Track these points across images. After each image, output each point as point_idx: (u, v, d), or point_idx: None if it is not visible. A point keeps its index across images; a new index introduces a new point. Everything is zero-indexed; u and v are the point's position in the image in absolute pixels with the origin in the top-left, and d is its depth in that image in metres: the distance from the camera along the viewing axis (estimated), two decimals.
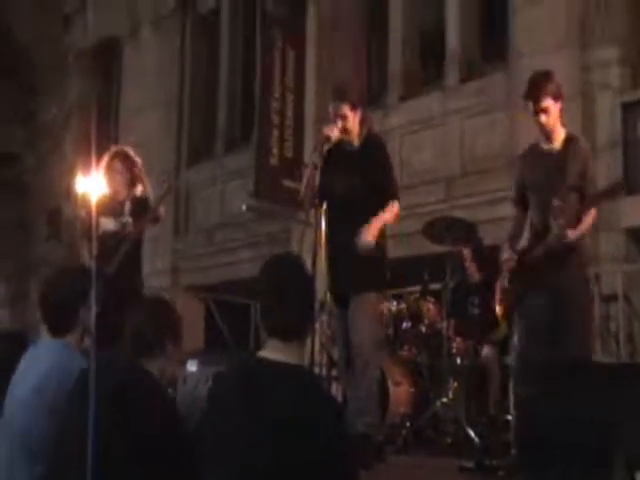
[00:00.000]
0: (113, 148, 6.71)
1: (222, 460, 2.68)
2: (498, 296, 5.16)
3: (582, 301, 5.04)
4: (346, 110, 5.26)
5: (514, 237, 5.19)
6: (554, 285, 4.84)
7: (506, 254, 5.09)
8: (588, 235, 5.23)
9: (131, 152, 6.52)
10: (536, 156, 5.10)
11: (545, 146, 5.06)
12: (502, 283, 5.12)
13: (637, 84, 7.76)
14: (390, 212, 5.24)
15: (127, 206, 6.28)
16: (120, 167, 6.37)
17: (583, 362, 4.67)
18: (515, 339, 5.00)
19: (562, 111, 5.01)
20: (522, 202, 5.18)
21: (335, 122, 5.26)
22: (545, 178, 4.96)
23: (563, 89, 5.06)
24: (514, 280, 5.02)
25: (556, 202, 4.83)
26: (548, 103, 4.90)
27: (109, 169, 6.34)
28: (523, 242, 5.16)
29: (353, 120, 5.30)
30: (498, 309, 5.20)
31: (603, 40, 7.84)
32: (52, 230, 14.13)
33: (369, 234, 5.09)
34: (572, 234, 4.78)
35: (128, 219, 6.19)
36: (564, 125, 5.06)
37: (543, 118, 4.92)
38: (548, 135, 5.01)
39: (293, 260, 3.09)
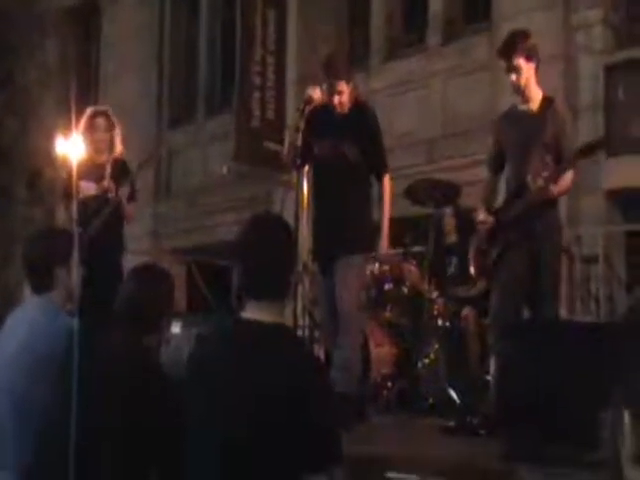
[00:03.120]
0: (93, 107, 6.65)
1: (206, 421, 2.68)
2: (473, 256, 5.20)
3: (557, 263, 5.10)
4: (342, 86, 5.22)
5: (488, 198, 5.22)
6: (530, 246, 4.88)
7: (482, 215, 5.12)
8: (567, 195, 5.27)
9: (110, 112, 6.47)
10: (513, 117, 5.12)
11: (522, 107, 5.07)
12: (477, 244, 5.16)
13: (620, 46, 7.74)
14: (387, 195, 5.27)
15: (107, 169, 6.23)
16: (103, 125, 6.31)
17: (562, 320, 4.71)
18: (492, 299, 5.05)
19: (537, 71, 4.98)
20: (496, 164, 5.20)
21: (339, 96, 5.21)
22: (521, 138, 4.98)
23: (539, 49, 5.04)
24: (490, 241, 5.05)
25: (534, 160, 4.86)
26: (519, 62, 4.90)
27: (90, 127, 6.28)
28: (499, 202, 5.18)
29: (347, 92, 5.26)
30: (472, 269, 5.24)
31: (586, 1, 7.82)
32: (33, 193, 14.04)
33: (385, 242, 5.27)
34: (554, 189, 4.80)
35: (110, 184, 6.15)
36: (540, 86, 5.05)
37: (513, 77, 4.92)
38: (521, 95, 5.00)
39: (272, 219, 3.09)
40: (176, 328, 6.50)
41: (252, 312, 2.76)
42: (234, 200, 11.06)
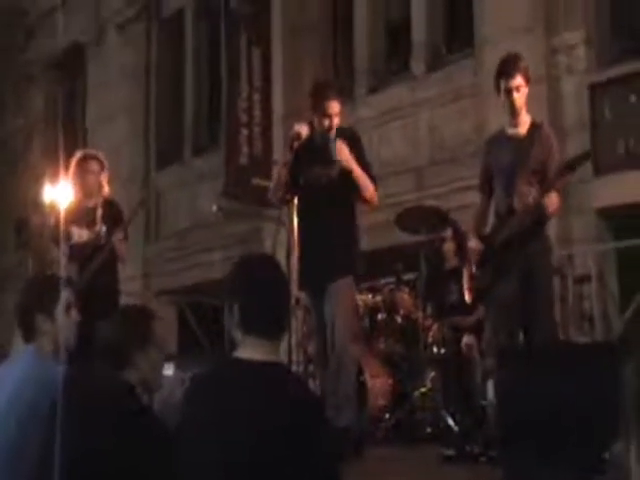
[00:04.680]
0: (83, 151, 6.60)
1: (201, 461, 2.62)
2: (466, 283, 5.19)
3: (549, 284, 5.10)
4: (335, 108, 5.19)
5: (479, 224, 5.21)
6: (522, 268, 4.85)
7: (473, 242, 5.10)
8: (558, 215, 5.25)
9: (101, 156, 6.42)
10: (502, 141, 5.13)
11: (510, 131, 5.08)
12: (470, 270, 5.14)
13: (603, 64, 7.75)
14: (367, 180, 5.18)
15: (99, 212, 6.17)
16: (95, 168, 6.25)
17: (558, 343, 4.66)
18: (487, 325, 5.01)
19: (527, 97, 5.00)
20: (487, 188, 5.20)
21: (330, 119, 5.17)
22: (510, 162, 4.99)
23: (530, 73, 5.07)
24: (482, 267, 5.01)
25: (522, 186, 4.85)
26: (521, 82, 4.91)
27: (81, 170, 6.22)
28: (488, 228, 5.17)
29: (339, 114, 5.24)
30: (467, 296, 5.22)
31: (568, 23, 7.85)
32: (21, 240, 14.00)
33: (344, 149, 5.09)
34: (549, 202, 4.76)
35: (102, 228, 6.10)
36: (528, 111, 5.05)
37: (515, 95, 4.91)
38: (515, 117, 5.00)
39: (263, 258, 3.10)
40: (168, 370, 6.43)
41: (247, 351, 2.73)
42: (224, 238, 11.02)
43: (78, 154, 6.38)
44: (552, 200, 4.80)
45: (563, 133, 7.53)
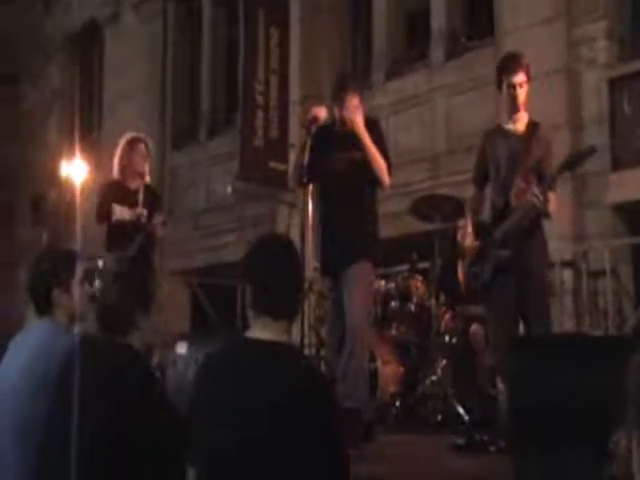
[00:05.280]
0: (132, 133, 6.65)
1: (213, 439, 2.65)
2: (462, 279, 5.28)
3: (545, 279, 5.15)
4: (355, 101, 5.18)
5: (475, 217, 5.24)
6: (520, 263, 4.87)
7: (468, 240, 5.16)
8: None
9: (148, 141, 6.52)
10: (500, 136, 5.13)
11: (508, 126, 5.09)
12: (466, 267, 5.20)
13: (623, 59, 7.72)
14: (381, 160, 5.18)
15: (141, 195, 6.25)
16: (144, 151, 6.35)
17: (572, 335, 4.68)
18: (490, 319, 5.07)
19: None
20: (481, 182, 5.22)
21: (343, 113, 5.18)
22: (507, 159, 5.00)
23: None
24: (479, 263, 5.05)
25: (520, 182, 4.87)
26: (523, 78, 4.94)
27: (130, 151, 6.30)
28: (484, 217, 5.21)
29: (359, 107, 5.24)
30: (463, 290, 5.31)
31: (589, 15, 7.81)
32: (37, 216, 14.06)
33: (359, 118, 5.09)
34: (552, 197, 4.78)
35: (143, 211, 6.19)
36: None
37: (519, 91, 4.93)
38: (515, 113, 5.02)
39: (282, 239, 3.09)
40: (182, 349, 6.46)
41: (258, 331, 2.75)
42: (238, 220, 11.04)
43: (127, 135, 6.49)
44: (552, 198, 4.82)
45: (581, 126, 7.53)
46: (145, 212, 6.21)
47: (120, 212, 6.22)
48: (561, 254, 6.94)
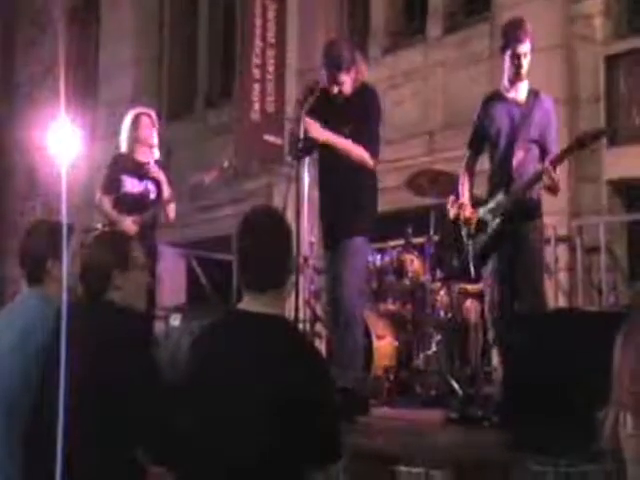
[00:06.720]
0: (140, 108, 6.64)
1: (204, 410, 2.69)
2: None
3: (540, 254, 5.17)
4: (342, 77, 5.16)
5: (470, 179, 5.23)
6: (517, 237, 4.88)
7: (467, 212, 5.17)
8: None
9: (154, 115, 6.52)
10: (500, 103, 5.06)
11: (509, 94, 5.03)
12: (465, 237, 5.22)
13: (620, 36, 7.71)
14: (350, 145, 5.14)
15: (150, 169, 6.26)
16: (151, 124, 6.38)
17: (567, 311, 4.70)
18: (488, 291, 5.06)
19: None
20: (476, 146, 5.18)
21: (331, 88, 5.16)
22: (509, 126, 4.94)
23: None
24: (476, 235, 5.05)
25: (520, 153, 4.84)
26: (529, 48, 4.89)
27: (139, 124, 6.31)
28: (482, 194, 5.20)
29: (349, 82, 5.20)
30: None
31: None
32: (30, 187, 14.02)
33: (319, 129, 5.04)
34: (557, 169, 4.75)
35: (152, 185, 6.24)
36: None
37: (523, 61, 4.88)
38: (517, 82, 4.97)
39: (268, 211, 3.12)
40: (176, 321, 6.50)
41: (250, 304, 2.78)
42: (234, 193, 11.02)
43: (137, 109, 6.53)
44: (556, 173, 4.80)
45: (578, 103, 7.52)
46: (153, 186, 6.25)
47: (130, 184, 6.24)
48: (556, 229, 6.97)
